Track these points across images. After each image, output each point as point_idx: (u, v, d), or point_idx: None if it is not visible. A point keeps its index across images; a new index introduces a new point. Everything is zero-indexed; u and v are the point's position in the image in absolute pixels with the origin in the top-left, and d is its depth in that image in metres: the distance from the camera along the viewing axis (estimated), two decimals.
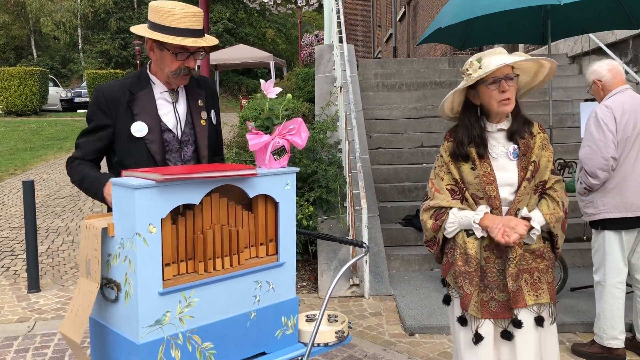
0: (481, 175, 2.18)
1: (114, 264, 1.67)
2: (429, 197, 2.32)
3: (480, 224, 2.16)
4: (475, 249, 2.19)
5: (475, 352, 2.21)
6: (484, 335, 2.19)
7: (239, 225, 1.86)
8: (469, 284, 2.19)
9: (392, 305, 4.42)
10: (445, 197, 2.23)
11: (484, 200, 2.19)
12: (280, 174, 1.91)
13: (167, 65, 2.08)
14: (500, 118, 2.22)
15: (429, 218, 2.29)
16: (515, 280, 2.15)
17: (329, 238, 2.16)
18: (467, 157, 2.21)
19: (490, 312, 2.21)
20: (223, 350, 1.79)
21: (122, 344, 1.66)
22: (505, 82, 2.14)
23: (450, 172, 2.25)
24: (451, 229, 2.23)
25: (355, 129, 5.33)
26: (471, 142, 2.21)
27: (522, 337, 2.18)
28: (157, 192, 1.61)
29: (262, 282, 1.89)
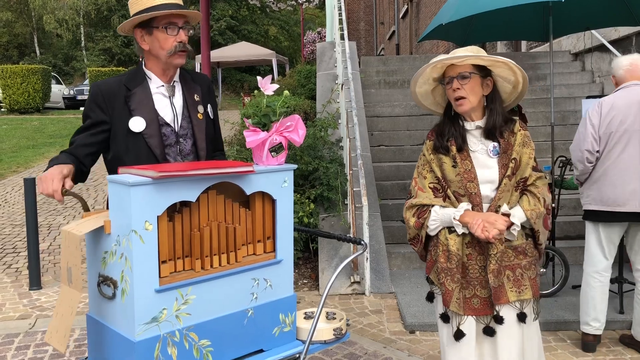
0: (462, 173, 2.18)
1: (110, 261, 1.67)
2: (412, 195, 2.31)
3: (461, 221, 2.16)
4: (457, 246, 2.19)
5: (458, 349, 2.21)
6: (466, 332, 2.19)
7: (236, 222, 1.85)
8: (450, 281, 2.19)
9: (393, 303, 4.41)
10: (428, 195, 2.23)
11: (466, 197, 2.19)
12: (278, 171, 1.91)
13: (161, 46, 2.10)
14: (476, 116, 2.22)
15: (411, 216, 2.29)
16: (496, 277, 2.15)
17: (327, 235, 2.15)
18: (447, 150, 2.21)
19: (472, 309, 2.20)
20: (220, 348, 1.78)
21: (118, 342, 1.66)
22: (457, 80, 2.15)
23: (432, 171, 2.25)
24: (433, 227, 2.23)
25: (356, 126, 5.32)
26: (451, 137, 2.22)
27: (504, 333, 2.18)
28: (154, 189, 1.60)
29: (259, 280, 1.89)
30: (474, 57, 2.14)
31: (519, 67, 2.18)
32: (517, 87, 2.26)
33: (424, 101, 2.34)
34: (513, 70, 2.19)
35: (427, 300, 2.36)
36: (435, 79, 2.26)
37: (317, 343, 2.00)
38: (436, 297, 2.30)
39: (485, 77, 2.20)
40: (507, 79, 2.24)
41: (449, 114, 2.26)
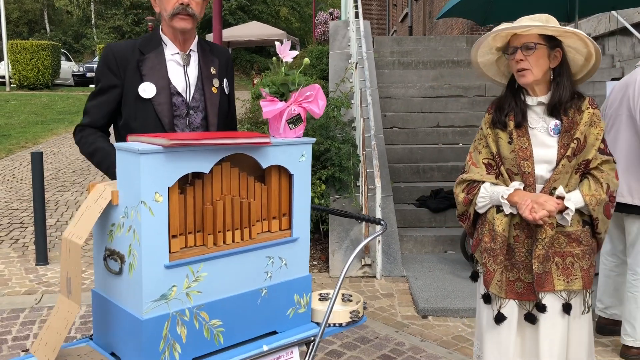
0: (517, 150, 2.06)
1: (118, 234, 1.57)
2: (465, 170, 2.21)
3: (509, 200, 2.05)
4: (503, 226, 2.08)
5: (497, 333, 2.12)
6: (507, 315, 2.10)
7: (251, 197, 1.75)
8: (492, 262, 2.09)
9: (405, 287, 4.32)
10: (480, 171, 2.13)
11: (519, 176, 2.08)
12: (296, 144, 1.80)
13: (164, 6, 2.00)
14: (540, 91, 2.09)
15: (461, 191, 2.20)
16: (541, 263, 2.04)
17: (345, 215, 2.05)
18: (504, 125, 2.10)
19: (515, 293, 2.11)
20: (232, 328, 1.69)
21: (125, 319, 1.57)
22: (521, 51, 2.02)
23: (488, 146, 2.14)
24: (482, 204, 2.13)
25: (370, 106, 5.19)
26: (510, 112, 2.10)
27: (547, 322, 2.07)
28: (165, 158, 1.50)
29: (274, 258, 1.79)
30: (539, 27, 2.00)
31: (590, 39, 2.03)
32: (589, 60, 2.10)
33: (488, 71, 2.22)
34: (584, 41, 2.04)
35: (470, 279, 2.27)
36: (498, 48, 2.12)
37: (332, 326, 1.91)
38: (480, 276, 2.21)
39: (553, 49, 2.04)
40: (579, 50, 2.08)
41: (512, 86, 2.13)
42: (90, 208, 1.57)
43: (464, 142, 6.62)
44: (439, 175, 6.02)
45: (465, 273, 4.49)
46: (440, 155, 6.30)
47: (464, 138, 6.65)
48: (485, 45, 2.11)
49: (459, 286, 4.23)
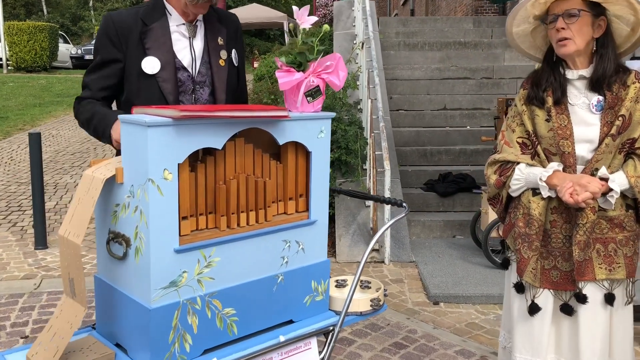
0: (556, 129, 1.92)
1: (122, 216, 1.44)
2: (497, 150, 2.07)
3: (548, 182, 1.91)
4: (540, 210, 1.94)
5: (530, 324, 1.99)
6: (541, 306, 1.97)
7: (266, 176, 1.62)
8: (527, 248, 1.96)
9: (414, 273, 4.21)
10: (514, 151, 1.99)
11: (557, 156, 1.93)
12: (314, 119, 1.66)
13: None
14: (581, 64, 1.93)
15: (492, 173, 2.06)
16: (582, 250, 1.89)
17: (365, 197, 1.92)
18: (542, 101, 1.95)
19: (550, 282, 1.97)
20: (246, 318, 1.57)
21: (131, 308, 1.44)
22: (563, 19, 1.86)
23: (523, 124, 2.00)
24: (516, 187, 1.99)
25: (378, 87, 5.04)
26: (548, 87, 1.95)
27: (587, 314, 1.92)
28: (174, 132, 1.36)
29: (290, 242, 1.66)
30: None
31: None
32: (636, 30, 1.93)
33: (521, 43, 2.06)
34: (634, 8, 1.87)
35: (501, 267, 2.14)
36: (536, 16, 1.96)
37: (352, 314, 1.78)
38: (511, 264, 2.08)
39: (597, 17, 1.89)
40: (625, 19, 1.92)
41: (550, 59, 1.98)
42: (82, 201, 1.43)
43: (472, 125, 6.48)
44: (447, 159, 5.89)
45: (476, 259, 4.37)
46: (447, 138, 6.16)
47: (472, 121, 6.50)
48: (522, 13, 1.95)
49: (470, 272, 4.12)
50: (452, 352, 3.03)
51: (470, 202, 5.28)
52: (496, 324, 3.40)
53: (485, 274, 4.06)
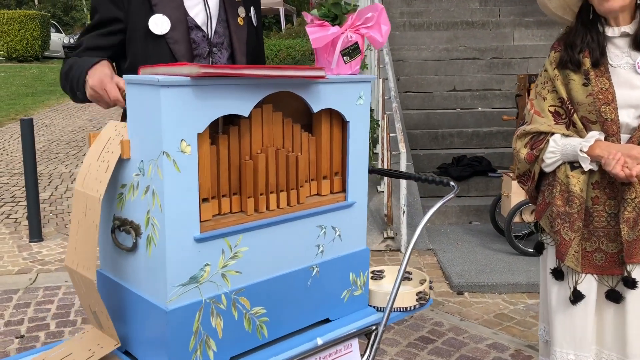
0: (596, 93, 1.69)
1: (130, 199, 1.19)
2: (525, 121, 1.84)
3: (590, 154, 1.69)
4: (581, 186, 1.72)
5: (570, 314, 1.78)
6: (585, 293, 1.75)
7: (297, 151, 1.37)
8: (568, 229, 1.74)
9: (433, 261, 3.98)
10: (546, 121, 1.77)
11: (598, 124, 1.72)
12: (352, 83, 1.41)
13: None
14: (624, 20, 1.71)
15: (523, 146, 1.83)
16: (631, 228, 1.69)
17: (408, 177, 1.68)
18: (578, 64, 1.72)
19: (594, 266, 1.76)
20: (278, 318, 1.32)
21: (143, 310, 1.20)
22: None
23: (555, 90, 1.77)
24: (551, 161, 1.77)
25: (388, 66, 4.79)
26: (585, 48, 1.72)
27: (636, 300, 1.73)
28: (193, 94, 1.11)
29: (326, 228, 1.42)
30: None
31: None
32: None
33: (550, 2, 1.82)
34: None
35: (535, 252, 1.91)
36: None
37: (396, 311, 1.54)
38: (547, 248, 1.85)
39: None
40: None
41: (585, 18, 1.75)
42: (83, 225, 1.19)
43: (483, 106, 6.23)
44: (460, 142, 5.65)
45: (497, 245, 4.15)
46: (459, 120, 5.92)
47: (483, 102, 6.25)
48: None
49: (493, 259, 3.89)
50: (483, 346, 2.80)
51: (485, 186, 5.05)
52: (527, 315, 3.18)
53: (509, 261, 3.83)
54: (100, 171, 1.18)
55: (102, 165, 1.18)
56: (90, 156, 1.22)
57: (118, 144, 1.17)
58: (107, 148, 1.19)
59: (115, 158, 1.16)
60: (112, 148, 1.18)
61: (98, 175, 1.18)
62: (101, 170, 1.18)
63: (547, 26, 7.26)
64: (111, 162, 1.17)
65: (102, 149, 1.20)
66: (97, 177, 1.18)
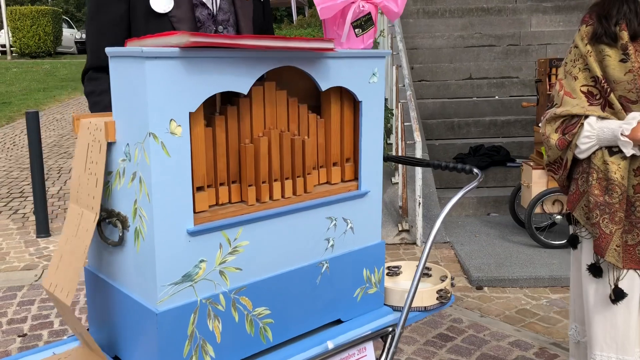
0: (636, 69, 1.55)
1: (117, 187, 1.06)
2: (555, 103, 1.69)
3: (632, 137, 1.55)
4: (622, 173, 1.58)
5: (611, 315, 1.63)
6: (627, 291, 1.61)
7: (304, 134, 1.23)
8: (608, 221, 1.59)
9: (451, 254, 3.83)
10: (579, 103, 1.61)
11: (638, 105, 1.56)
12: (365, 58, 1.27)
13: None
14: None
15: (553, 131, 1.68)
16: None
17: (426, 164, 1.54)
18: (614, 38, 1.57)
19: (636, 261, 1.63)
20: (284, 319, 1.19)
21: (132, 311, 1.07)
22: None
23: (588, 68, 1.62)
24: (586, 146, 1.62)
25: (402, 53, 4.63)
26: (622, 19, 1.56)
27: None
28: (183, 68, 0.98)
29: (336, 220, 1.28)
30: None
31: None
32: None
33: None
34: None
35: (568, 245, 1.76)
36: None
37: (415, 310, 1.41)
38: (582, 242, 1.70)
39: None
40: None
41: None
42: (71, 243, 1.07)
43: (501, 94, 6.04)
44: (476, 131, 5.47)
45: (517, 237, 3.99)
46: (475, 109, 5.74)
47: (500, 90, 6.07)
48: None
49: (513, 252, 3.73)
50: (506, 344, 2.66)
51: (504, 177, 4.88)
52: (550, 310, 3.02)
53: (530, 254, 3.67)
54: (91, 185, 1.05)
55: (90, 178, 1.06)
56: (76, 167, 1.09)
57: (99, 152, 1.03)
58: (90, 157, 1.05)
59: (102, 169, 1.03)
60: (95, 157, 1.04)
61: (89, 190, 1.06)
62: (91, 185, 1.05)
63: (566, 11, 7.04)
64: (99, 175, 1.04)
65: (86, 159, 1.07)
66: (88, 192, 1.06)
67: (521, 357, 2.54)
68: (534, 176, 3.75)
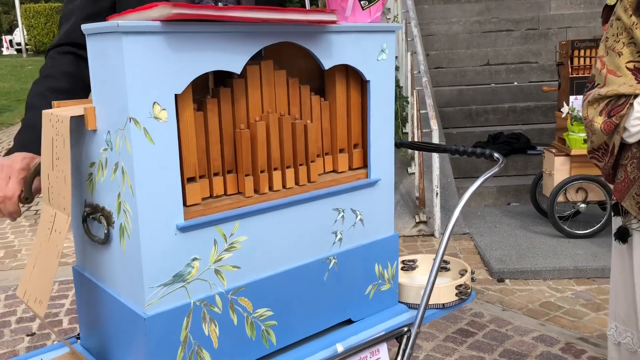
0: None
1: (100, 179, 0.97)
2: (596, 83, 1.55)
3: None
4: None
5: None
6: None
7: (306, 118, 1.12)
8: None
9: (470, 246, 3.70)
10: (626, 81, 1.47)
11: None
12: (372, 32, 1.15)
13: None
14: None
15: (597, 114, 1.53)
16: None
17: (443, 150, 1.42)
18: None
19: None
20: (288, 321, 1.09)
21: (120, 315, 0.98)
22: None
23: (633, 42, 1.48)
24: (637, 129, 1.48)
25: (417, 39, 4.48)
26: None
27: None
28: (166, 44, 0.87)
29: (345, 211, 1.17)
30: None
31: None
32: None
33: None
34: None
35: (617, 240, 1.63)
36: None
37: (432, 308, 1.30)
38: (633, 235, 1.57)
39: None
40: None
41: None
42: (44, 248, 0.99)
43: (520, 80, 5.86)
44: (495, 119, 5.32)
45: (539, 227, 3.84)
46: (494, 96, 5.57)
47: (519, 76, 5.89)
48: None
49: (535, 243, 3.59)
50: (529, 339, 2.53)
51: (524, 165, 4.72)
52: (576, 303, 2.88)
53: (553, 245, 3.53)
54: (60, 183, 0.95)
55: (59, 175, 0.95)
56: (44, 165, 0.99)
57: (64, 147, 0.93)
58: (56, 153, 0.95)
59: (68, 165, 0.93)
60: (60, 153, 0.94)
61: (59, 189, 0.96)
62: (60, 182, 0.95)
63: None
64: (66, 172, 0.93)
65: (52, 156, 0.97)
66: (59, 191, 0.96)
67: (546, 353, 2.42)
68: (557, 163, 3.60)
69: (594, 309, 2.81)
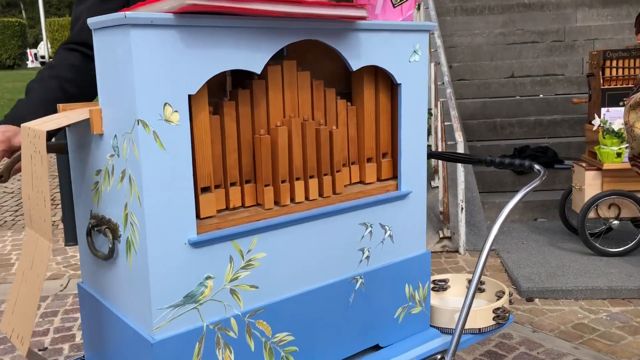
0: None
1: (106, 189, 0.88)
2: (637, 87, 1.43)
3: None
4: None
5: None
6: None
7: (331, 123, 1.03)
8: None
9: (497, 263, 3.55)
10: None
11: None
12: (404, 32, 1.06)
13: None
14: None
15: (638, 119, 1.41)
16: None
17: (477, 161, 1.32)
18: None
19: None
20: (310, 346, 0.99)
21: (127, 337, 0.89)
22: None
23: None
24: None
25: (440, 49, 4.38)
26: None
27: None
28: (179, 39, 0.79)
29: (372, 226, 1.07)
30: None
31: None
32: None
33: None
34: None
35: None
36: None
37: (468, 333, 1.18)
38: None
39: None
40: None
41: None
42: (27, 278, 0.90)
43: (545, 92, 5.71)
44: (520, 132, 5.17)
45: (569, 244, 3.68)
46: (519, 108, 5.43)
47: (545, 88, 5.74)
48: None
49: (565, 261, 3.43)
50: None
51: (552, 179, 4.56)
52: (612, 325, 2.72)
53: (584, 263, 3.37)
54: (40, 206, 0.86)
55: (38, 197, 0.86)
56: (24, 185, 0.89)
57: (42, 165, 0.84)
58: (34, 172, 0.86)
59: (46, 185, 0.84)
60: (38, 172, 0.85)
61: (39, 212, 0.86)
62: (40, 205, 0.86)
63: (614, 4, 6.65)
64: (45, 192, 0.84)
65: (31, 175, 0.88)
66: (39, 213, 0.87)
67: None
68: (587, 178, 3.45)
69: (631, 332, 2.65)
